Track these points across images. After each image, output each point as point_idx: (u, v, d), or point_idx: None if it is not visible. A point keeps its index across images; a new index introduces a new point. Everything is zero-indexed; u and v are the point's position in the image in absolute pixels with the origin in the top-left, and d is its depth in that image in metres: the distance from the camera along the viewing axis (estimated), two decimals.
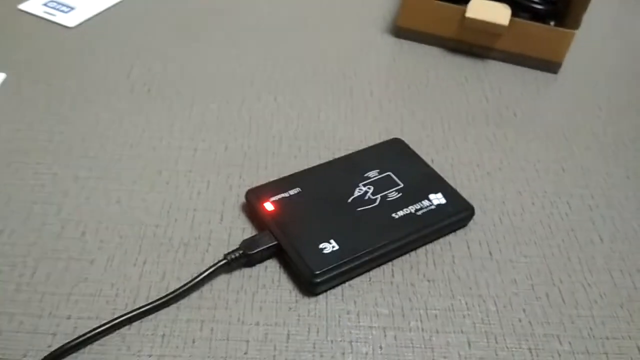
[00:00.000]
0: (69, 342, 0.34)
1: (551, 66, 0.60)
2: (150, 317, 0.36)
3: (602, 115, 0.56)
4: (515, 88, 0.58)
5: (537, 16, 0.61)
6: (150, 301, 0.36)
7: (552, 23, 0.63)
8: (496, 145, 0.51)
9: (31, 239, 0.40)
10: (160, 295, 0.37)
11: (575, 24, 0.57)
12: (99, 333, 0.34)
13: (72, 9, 0.61)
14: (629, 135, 0.54)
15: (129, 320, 0.35)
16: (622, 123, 0.55)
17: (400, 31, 0.62)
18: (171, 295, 0.36)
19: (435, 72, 0.59)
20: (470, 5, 0.58)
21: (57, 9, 0.61)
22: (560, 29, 0.58)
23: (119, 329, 0.35)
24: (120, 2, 0.64)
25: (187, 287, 0.37)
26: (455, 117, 0.53)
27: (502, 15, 0.57)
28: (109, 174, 0.45)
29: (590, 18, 0.58)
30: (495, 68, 0.60)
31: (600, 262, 0.42)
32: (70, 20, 0.60)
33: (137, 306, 0.36)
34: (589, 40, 0.66)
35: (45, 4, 0.62)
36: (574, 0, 0.61)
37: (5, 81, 0.52)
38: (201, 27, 0.61)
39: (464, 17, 0.58)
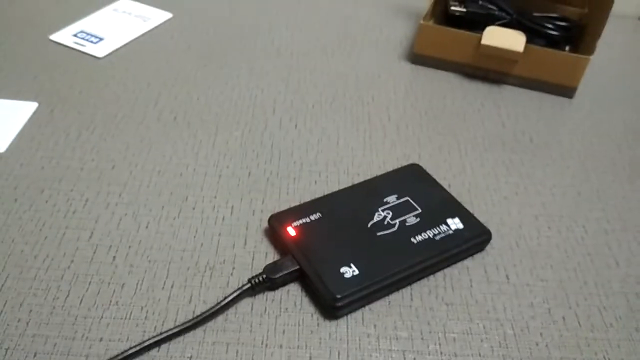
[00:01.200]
0: None
1: (566, 91, 0.61)
2: (178, 339, 0.37)
3: (617, 139, 0.57)
4: (531, 113, 0.59)
5: (552, 42, 0.62)
6: (178, 324, 0.38)
7: (567, 48, 0.64)
8: (512, 170, 0.52)
9: (64, 264, 0.41)
10: (188, 318, 0.38)
11: (590, 50, 0.58)
12: (129, 355, 0.36)
13: (101, 39, 0.64)
14: None
15: (158, 343, 0.37)
16: (637, 147, 0.56)
17: (417, 57, 0.64)
18: (198, 319, 0.38)
19: (452, 98, 0.60)
20: (485, 33, 0.59)
21: (87, 40, 0.64)
22: (575, 54, 0.59)
23: (148, 351, 0.37)
24: (147, 32, 0.66)
25: (213, 310, 0.38)
26: (472, 143, 0.55)
27: (517, 41, 0.59)
28: (138, 200, 0.46)
29: (605, 43, 0.59)
30: (511, 93, 0.61)
31: (616, 286, 0.43)
32: (99, 50, 0.62)
33: (166, 329, 0.38)
34: (603, 65, 0.67)
35: (75, 35, 0.64)
36: (589, 26, 0.63)
37: (37, 110, 0.54)
38: (224, 56, 0.63)
39: (479, 44, 0.59)
